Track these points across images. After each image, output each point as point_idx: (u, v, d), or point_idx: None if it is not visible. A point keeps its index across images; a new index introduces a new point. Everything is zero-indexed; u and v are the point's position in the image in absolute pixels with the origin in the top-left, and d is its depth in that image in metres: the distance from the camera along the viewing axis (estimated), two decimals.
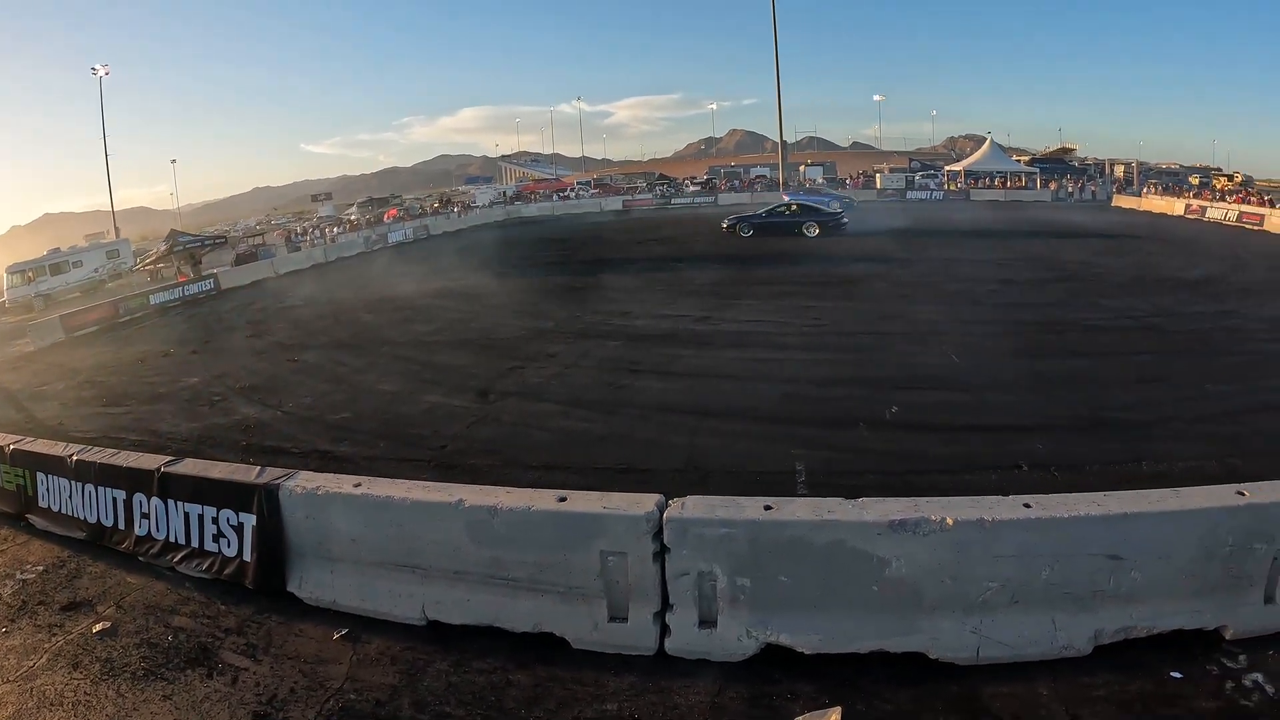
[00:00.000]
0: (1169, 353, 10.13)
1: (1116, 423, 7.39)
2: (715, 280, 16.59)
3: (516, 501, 3.75)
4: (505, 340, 11.68)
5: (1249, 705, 3.77)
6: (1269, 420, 7.59)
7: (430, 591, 4.02)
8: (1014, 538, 3.51)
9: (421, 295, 16.90)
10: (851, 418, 7.54)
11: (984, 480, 5.92)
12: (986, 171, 46.37)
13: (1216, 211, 30.59)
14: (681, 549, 3.55)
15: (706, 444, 6.99)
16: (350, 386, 9.68)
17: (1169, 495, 3.72)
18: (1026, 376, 8.91)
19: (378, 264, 24.79)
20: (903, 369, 9.29)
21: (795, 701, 3.63)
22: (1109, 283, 15.58)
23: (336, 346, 12.16)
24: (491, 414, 8.14)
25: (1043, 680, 3.79)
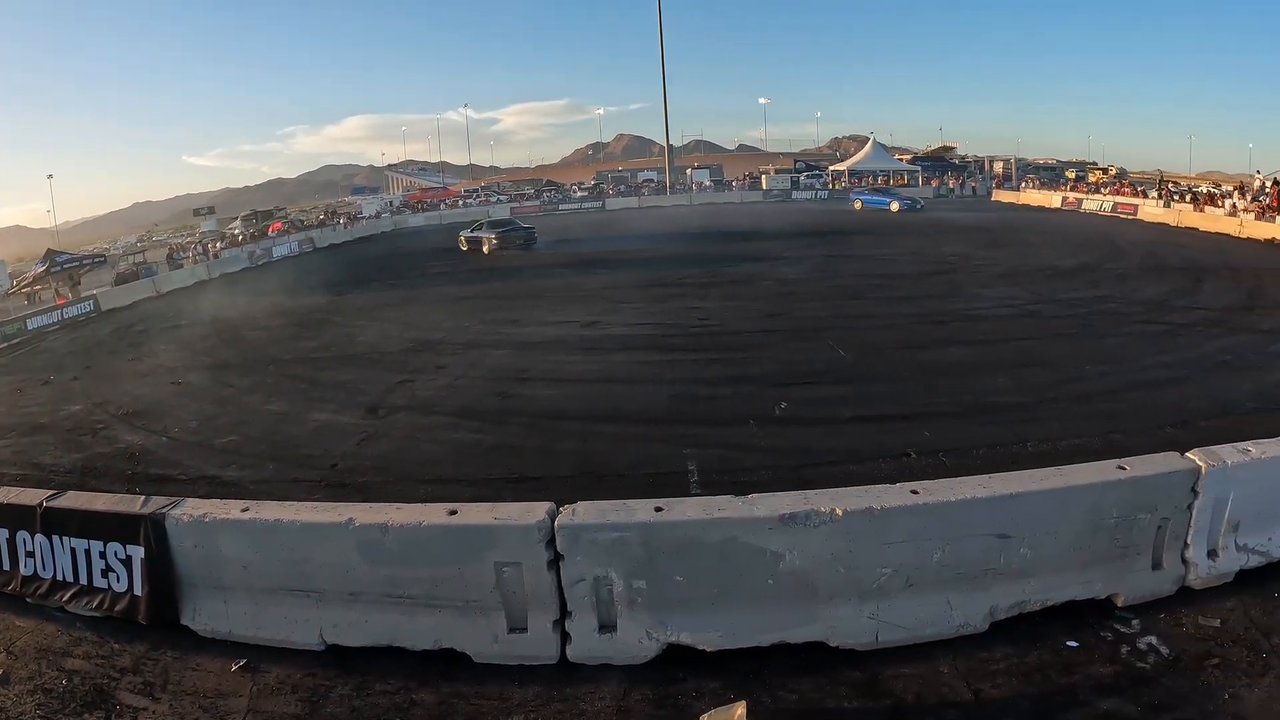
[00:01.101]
0: (1048, 338, 10.58)
1: (1000, 407, 7.67)
2: (602, 285, 16.74)
3: (407, 518, 3.65)
4: (393, 353, 11.52)
5: (1145, 667, 3.91)
6: (1146, 397, 7.98)
7: (327, 615, 3.89)
8: (904, 524, 3.55)
9: (307, 310, 16.55)
10: (741, 415, 7.65)
11: (874, 470, 6.04)
12: (870, 170, 47.82)
13: (1092, 203, 32.35)
14: (575, 555, 3.50)
15: (598, 449, 7.02)
16: (237, 408, 9.39)
17: (1053, 474, 3.82)
18: (911, 367, 9.20)
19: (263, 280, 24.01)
20: (789, 365, 9.49)
21: (701, 699, 3.63)
22: (989, 274, 16.26)
23: (222, 366, 11.78)
24: (382, 429, 8.01)
25: (943, 659, 3.87)
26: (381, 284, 19.80)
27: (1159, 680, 3.82)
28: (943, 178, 46.08)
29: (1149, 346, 9.99)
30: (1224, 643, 4.09)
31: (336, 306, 16.81)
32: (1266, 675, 3.85)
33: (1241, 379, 8.58)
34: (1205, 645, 4.07)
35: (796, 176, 48.84)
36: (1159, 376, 8.69)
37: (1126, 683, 3.79)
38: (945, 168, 50.11)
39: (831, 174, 49.27)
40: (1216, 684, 3.78)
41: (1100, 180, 39.45)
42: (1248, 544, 4.33)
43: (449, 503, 3.74)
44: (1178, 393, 8.09)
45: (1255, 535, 4.34)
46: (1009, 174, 47.69)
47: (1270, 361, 9.39)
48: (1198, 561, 4.18)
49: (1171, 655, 3.98)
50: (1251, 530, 4.32)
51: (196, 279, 25.69)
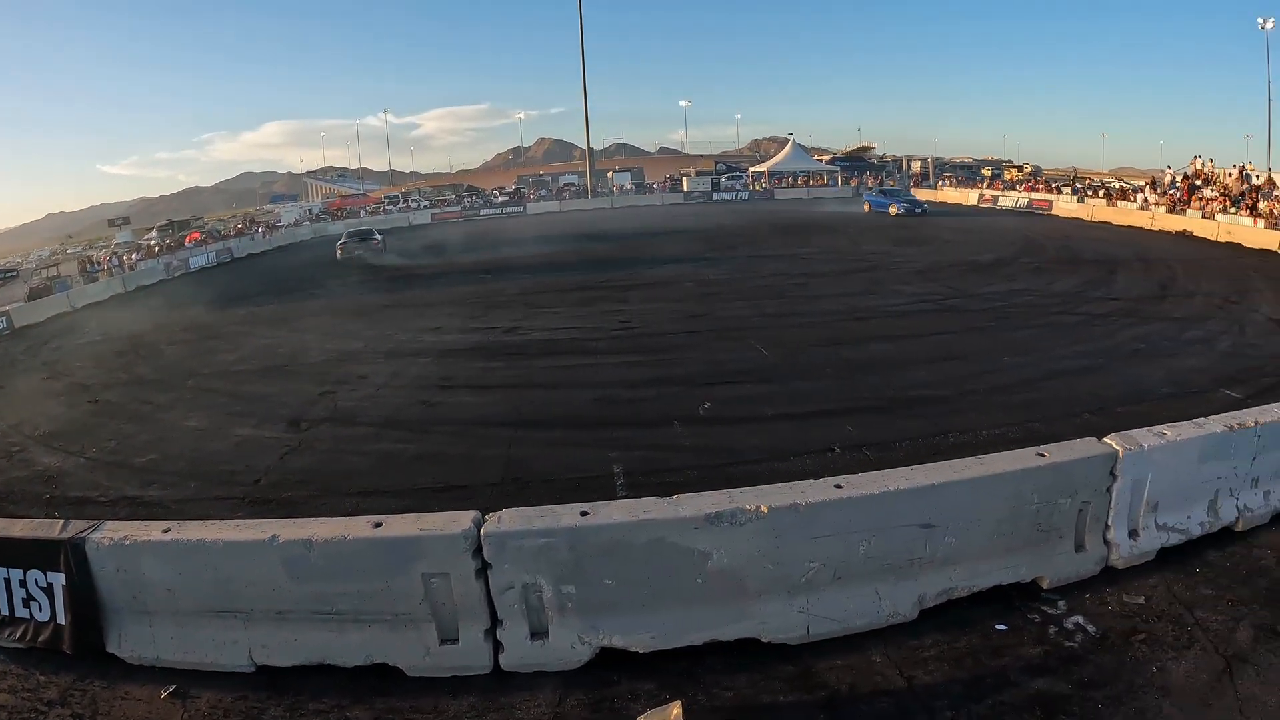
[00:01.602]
0: (967, 331, 10.91)
1: (921, 400, 7.86)
2: (524, 289, 16.77)
3: (332, 532, 3.60)
4: (315, 365, 11.35)
5: (1073, 646, 4.02)
6: (1063, 385, 8.26)
7: (255, 635, 3.81)
8: (829, 518, 3.60)
9: (227, 322, 16.22)
10: (666, 417, 7.72)
11: (799, 466, 6.13)
12: (790, 171, 48.48)
13: (1008, 200, 33.50)
14: (503, 563, 3.48)
15: (523, 455, 7.01)
16: (156, 425, 9.12)
17: (974, 463, 3.91)
18: (833, 364, 9.39)
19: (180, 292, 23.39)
20: (712, 365, 9.61)
21: (636, 701, 3.64)
22: (907, 270, 16.68)
23: (139, 383, 11.42)
24: (304, 443, 7.88)
25: (875, 649, 3.93)
26: (302, 294, 19.41)
27: (1087, 658, 3.94)
28: (861, 177, 46.99)
29: (1065, 337, 10.32)
30: (1149, 619, 4.23)
31: (256, 318, 16.45)
32: (1192, 647, 4.00)
33: (1155, 366, 8.91)
34: (1131, 622, 4.20)
35: (717, 178, 49.17)
36: (1075, 366, 8.99)
37: (1056, 662, 3.90)
38: (864, 167, 51.10)
39: (752, 175, 49.75)
40: (1143, 658, 3.91)
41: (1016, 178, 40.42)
42: (1167, 523, 4.49)
43: (374, 515, 3.69)
44: (1094, 381, 8.36)
45: (1174, 514, 4.50)
46: (926, 173, 48.89)
47: (1182, 348, 9.77)
48: (1119, 542, 4.32)
49: (1098, 633, 4.11)
50: (1170, 510, 4.48)
51: (112, 292, 24.74)
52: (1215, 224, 21.92)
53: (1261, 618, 4.20)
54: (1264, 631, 4.09)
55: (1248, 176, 24.50)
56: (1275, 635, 4.05)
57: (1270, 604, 4.34)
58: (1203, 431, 4.47)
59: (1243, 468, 4.67)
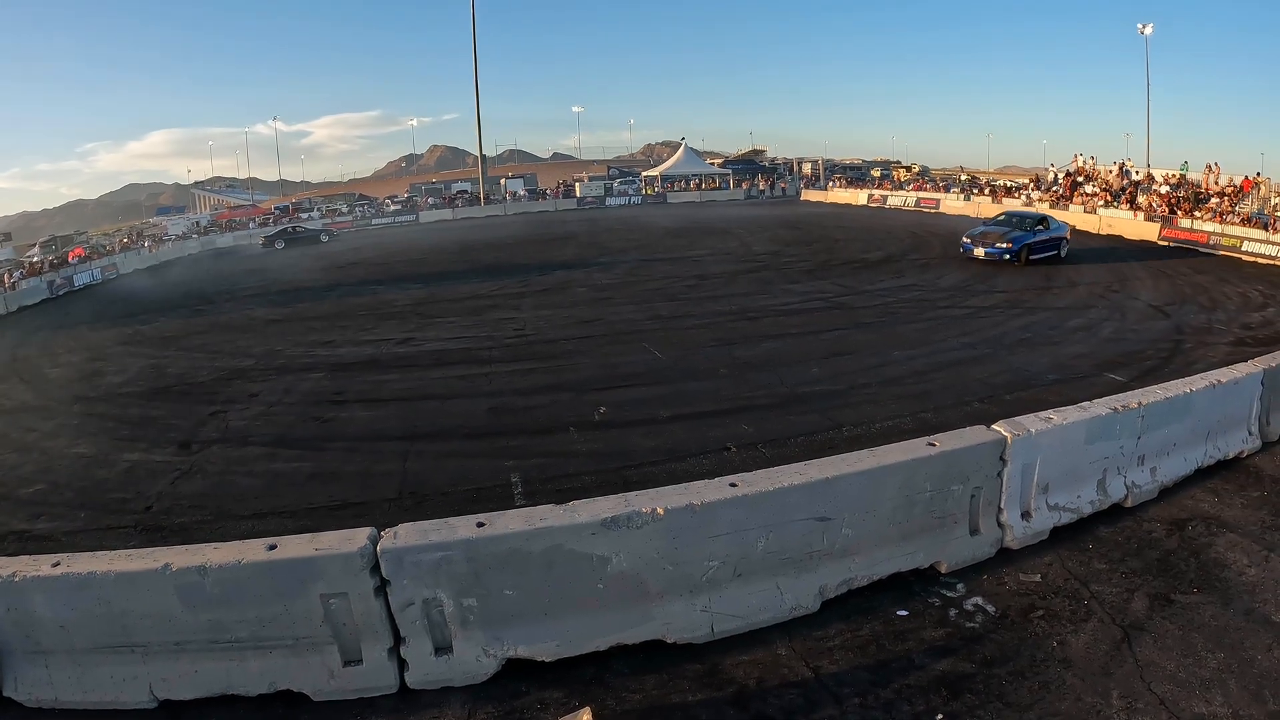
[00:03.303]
0: (857, 327, 11.31)
1: (814, 395, 8.11)
2: (415, 300, 16.70)
3: (225, 557, 3.54)
4: (204, 384, 11.08)
5: (974, 626, 4.19)
6: (952, 376, 8.62)
7: (154, 669, 3.72)
8: (725, 516, 3.70)
9: (113, 342, 15.63)
10: (561, 423, 7.78)
11: (696, 466, 6.26)
12: (682, 175, 49.28)
13: (897, 199, 34.83)
14: (401, 579, 3.48)
15: (419, 468, 6.99)
16: (41, 453, 8.75)
17: (866, 455, 4.05)
18: (726, 363, 9.62)
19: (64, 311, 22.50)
20: (606, 370, 9.74)
21: (546, 710, 3.66)
22: (798, 269, 17.22)
23: (21, 409, 10.92)
24: (196, 465, 7.70)
25: (780, 642, 4.04)
26: (189, 310, 18.82)
27: (989, 637, 4.11)
28: (753, 180, 48.05)
29: (953, 329, 10.76)
30: (1046, 595, 4.43)
31: (143, 336, 15.85)
32: (1090, 620, 4.20)
33: (1041, 354, 9.34)
34: (1029, 600, 4.40)
35: (610, 183, 49.46)
36: (964, 356, 9.38)
37: (959, 643, 4.06)
38: (756, 170, 52.20)
39: (645, 179, 50.16)
40: (1043, 634, 4.09)
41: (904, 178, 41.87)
42: (1059, 503, 4.71)
43: (268, 537, 3.64)
44: (982, 370, 8.74)
45: (1064, 494, 4.73)
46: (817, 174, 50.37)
47: (1066, 336, 10.27)
48: (1013, 524, 4.52)
49: (998, 613, 4.29)
50: (1061, 490, 4.71)
51: None
52: (1098, 218, 23.22)
53: (1155, 587, 4.45)
54: (1158, 600, 4.33)
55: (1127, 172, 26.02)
56: (1169, 603, 4.30)
57: (1162, 574, 4.60)
58: (1088, 415, 4.71)
59: (1129, 447, 4.94)
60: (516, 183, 53.98)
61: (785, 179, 49.05)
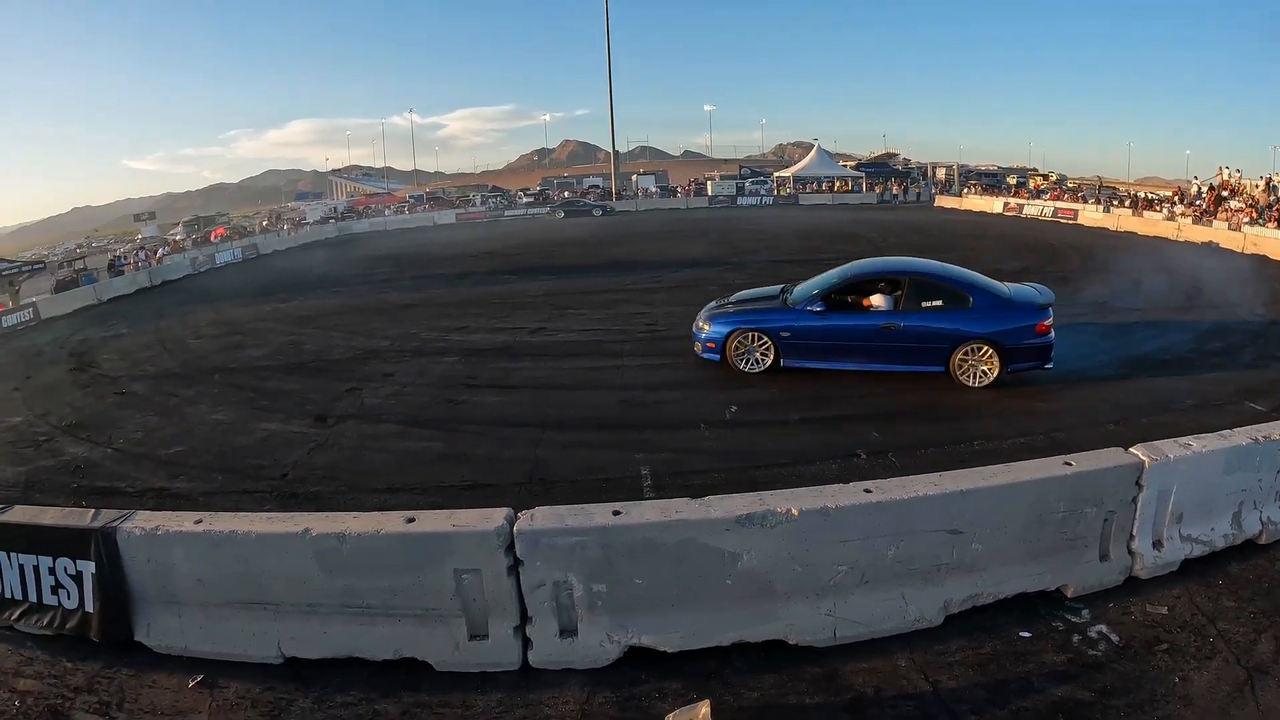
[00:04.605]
0: None
1: (946, 406, 7.81)
2: (547, 291, 16.76)
3: (364, 526, 3.62)
4: (340, 361, 11.35)
5: (1097, 654, 4.04)
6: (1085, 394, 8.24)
7: (284, 627, 3.84)
8: (858, 522, 3.62)
9: (252, 318, 16.26)
10: (691, 419, 7.69)
11: (824, 470, 6.13)
12: (814, 176, 48.54)
13: (1033, 208, 33.15)
14: (535, 561, 3.50)
15: (548, 455, 7.00)
16: (182, 418, 9.14)
17: (1001, 470, 3.92)
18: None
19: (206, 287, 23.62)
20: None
21: (663, 700, 3.66)
22: None
23: (165, 376, 11.47)
24: (331, 439, 7.88)
25: (900, 653, 3.95)
26: (326, 291, 19.48)
27: (1110, 666, 3.95)
28: (886, 183, 46.81)
29: (1090, 346, 10.26)
30: (1171, 629, 4.24)
31: (281, 314, 16.46)
32: (1214, 659, 4.00)
33: (1179, 376, 8.84)
34: (1153, 632, 4.22)
35: (742, 182, 49.23)
36: (1099, 374, 8.93)
37: (1079, 670, 3.91)
38: (889, 174, 50.86)
39: (776, 180, 49.73)
40: (1165, 668, 3.92)
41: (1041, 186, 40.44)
42: (1191, 534, 4.49)
43: (405, 511, 3.71)
44: (1118, 390, 8.32)
45: (1198, 526, 4.50)
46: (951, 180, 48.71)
47: (1205, 359, 9.71)
48: (1143, 552, 4.32)
49: (1121, 642, 4.12)
50: (1194, 521, 4.48)
51: (138, 286, 24.99)
52: (1242, 235, 21.72)
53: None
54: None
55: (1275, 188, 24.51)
56: None
57: None
58: (1228, 444, 4.47)
59: (1267, 480, 4.67)
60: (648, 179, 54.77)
61: (919, 183, 47.67)
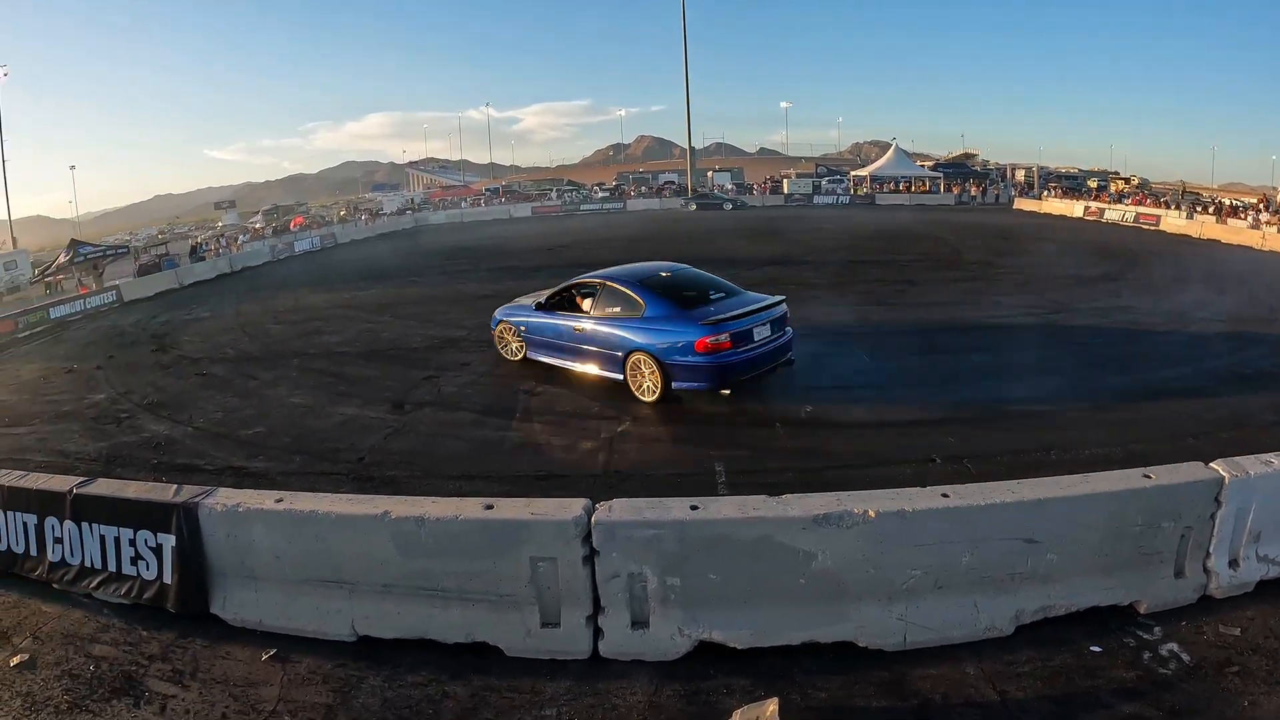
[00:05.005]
0: (1068, 346, 10.55)
1: (1021, 414, 7.67)
2: None
3: (443, 511, 3.69)
4: (417, 350, 11.50)
5: (1167, 673, 3.96)
6: (1164, 407, 7.99)
7: (359, 606, 3.92)
8: (934, 527, 3.59)
9: (330, 305, 16.56)
10: (767, 418, 7.66)
11: (898, 474, 6.03)
12: (892, 176, 47.66)
13: (1114, 213, 32.16)
14: (611, 552, 3.54)
15: (624, 448, 7.01)
16: (261, 400, 9.37)
17: (1079, 480, 3.86)
18: (934, 373, 9.21)
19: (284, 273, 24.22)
20: (814, 369, 9.43)
21: (731, 696, 3.66)
22: (1009, 281, 16.26)
23: (245, 359, 11.77)
24: (407, 425, 7.98)
25: (969, 661, 3.91)
26: (403, 280, 19.80)
27: (1180, 686, 3.87)
28: (964, 184, 45.72)
29: (1169, 356, 9.97)
30: (1244, 651, 4.14)
31: (358, 301, 16.78)
32: None
33: (1261, 391, 8.52)
34: (1225, 653, 4.12)
35: (818, 181, 48.87)
36: (1178, 387, 8.67)
37: (1148, 688, 3.84)
38: (967, 174, 49.58)
39: (853, 179, 49.16)
40: (1236, 691, 3.82)
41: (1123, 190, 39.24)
42: (1268, 555, 4.37)
43: (482, 497, 3.77)
44: (1197, 403, 8.07)
45: (1275, 546, 4.38)
46: (1031, 182, 47.10)
47: None
48: (1219, 571, 4.23)
49: (1192, 662, 4.03)
50: (1272, 541, 4.36)
51: (218, 272, 25.87)
52: None
53: None
54: None
55: None
56: None
57: None
58: None
59: None
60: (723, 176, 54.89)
61: (998, 185, 46.50)
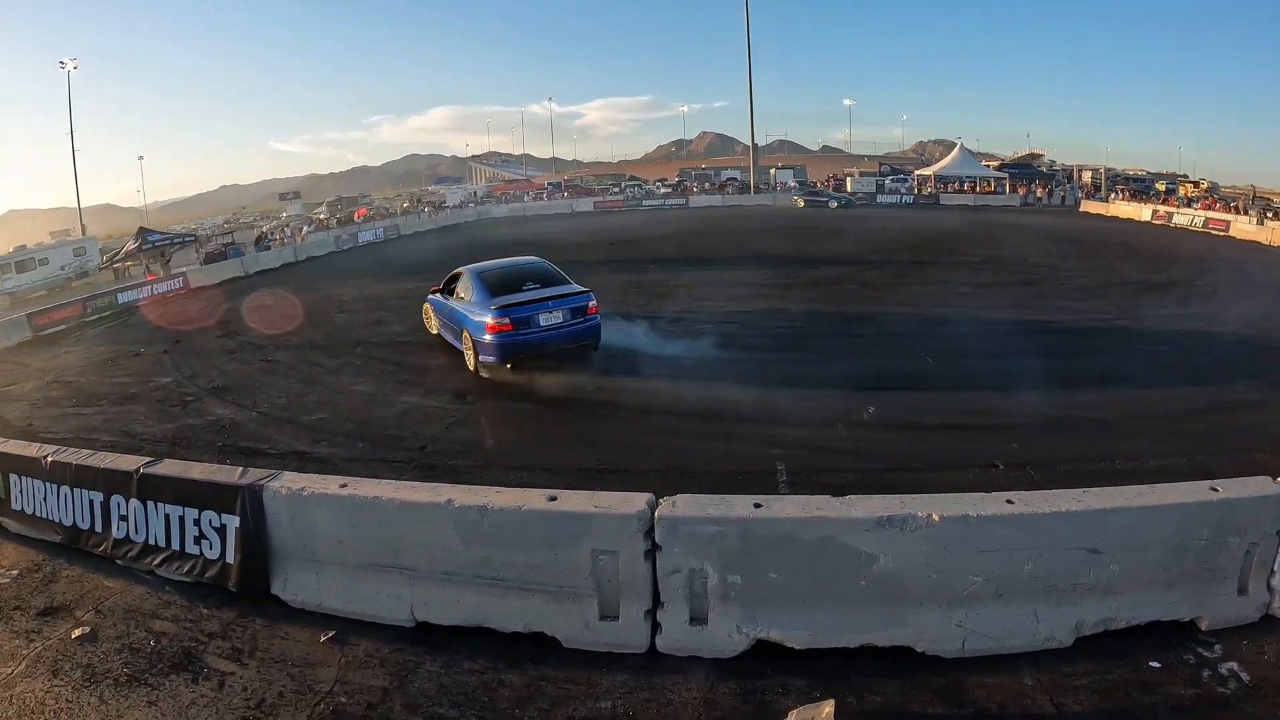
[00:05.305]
0: (1133, 353, 10.33)
1: (1085, 421, 7.54)
2: (685, 282, 16.71)
3: (507, 501, 3.74)
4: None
5: (1225, 693, 3.89)
6: (1233, 419, 7.79)
7: (418, 592, 3.99)
8: (998, 533, 3.57)
9: (393, 295, 16.72)
10: (828, 418, 7.59)
11: (960, 478, 5.98)
12: (956, 176, 46.87)
13: (1183, 217, 31.18)
14: (673, 547, 3.56)
15: (685, 444, 7.00)
16: (324, 387, 9.51)
17: (1145, 491, 3.82)
18: (996, 377, 9.03)
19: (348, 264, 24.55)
20: (876, 369, 9.39)
21: (787, 696, 3.67)
22: (1075, 285, 15.90)
23: (309, 346, 11.98)
24: (470, 415, 8.06)
25: (1026, 671, 3.88)
26: None
27: (1238, 705, 3.80)
28: (1030, 186, 44.60)
29: (1239, 367, 9.65)
30: None
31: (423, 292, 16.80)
32: None
33: None
34: None
35: (881, 180, 48.42)
36: (1248, 399, 8.42)
37: (1206, 706, 3.77)
38: (1033, 175, 48.24)
39: (917, 178, 48.61)
40: None
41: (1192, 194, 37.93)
42: None
43: (545, 489, 3.82)
44: (1268, 415, 7.83)
45: None
46: (1098, 184, 45.63)
47: None
48: None
49: (1252, 682, 3.95)
50: None
51: (283, 261, 26.54)
52: None
53: None
54: None
55: None
56: None
57: None
58: None
59: None
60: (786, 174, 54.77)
61: (1064, 187, 45.30)
